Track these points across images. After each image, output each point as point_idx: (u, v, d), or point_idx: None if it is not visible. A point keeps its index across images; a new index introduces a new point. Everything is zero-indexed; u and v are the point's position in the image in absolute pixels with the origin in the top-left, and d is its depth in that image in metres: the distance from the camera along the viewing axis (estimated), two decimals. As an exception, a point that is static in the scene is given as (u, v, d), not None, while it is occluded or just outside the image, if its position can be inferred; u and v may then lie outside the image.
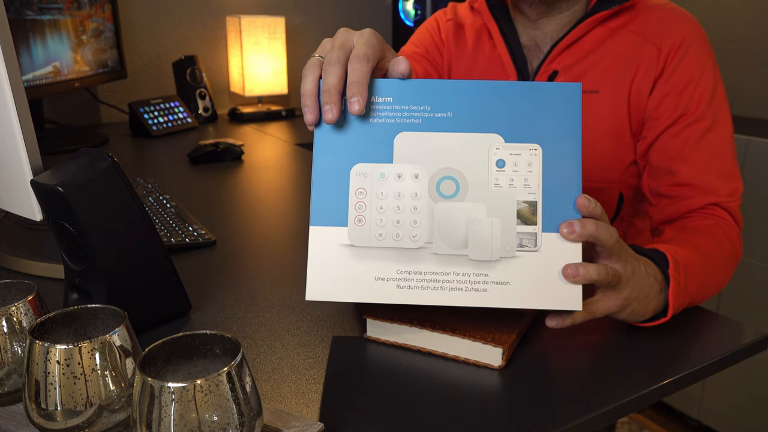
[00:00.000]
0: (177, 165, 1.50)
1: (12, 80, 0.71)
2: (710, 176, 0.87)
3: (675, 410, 2.02)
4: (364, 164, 0.62)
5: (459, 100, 0.62)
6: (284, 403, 0.59)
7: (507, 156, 0.61)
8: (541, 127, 0.61)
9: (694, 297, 0.74)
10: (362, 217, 0.62)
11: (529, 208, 0.61)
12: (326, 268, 0.61)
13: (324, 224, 0.62)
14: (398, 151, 0.62)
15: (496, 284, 0.60)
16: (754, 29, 2.01)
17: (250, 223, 1.09)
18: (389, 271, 0.61)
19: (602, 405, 0.59)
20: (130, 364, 0.49)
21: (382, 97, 0.62)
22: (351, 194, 0.62)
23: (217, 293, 0.81)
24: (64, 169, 0.66)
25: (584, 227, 0.59)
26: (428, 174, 0.62)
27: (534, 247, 0.60)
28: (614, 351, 0.68)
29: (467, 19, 1.06)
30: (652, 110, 0.90)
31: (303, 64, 2.36)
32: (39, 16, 1.56)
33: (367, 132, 0.62)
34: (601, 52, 0.92)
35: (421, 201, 0.61)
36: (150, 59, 2.09)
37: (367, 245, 0.61)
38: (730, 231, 0.84)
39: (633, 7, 0.93)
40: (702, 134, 0.87)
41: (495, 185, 0.61)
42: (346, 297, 0.61)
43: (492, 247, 0.60)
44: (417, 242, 0.61)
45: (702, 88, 0.87)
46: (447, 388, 0.61)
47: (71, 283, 0.70)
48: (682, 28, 0.89)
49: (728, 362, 0.69)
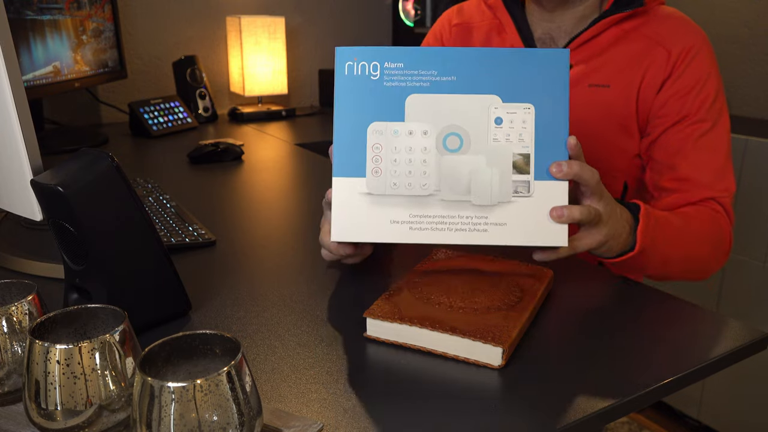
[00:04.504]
0: (177, 165, 1.50)
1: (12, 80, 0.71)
2: (708, 172, 0.93)
3: (675, 410, 2.02)
4: (379, 122, 0.71)
5: (462, 66, 0.70)
6: (284, 403, 0.59)
7: (504, 114, 0.70)
8: (533, 89, 0.70)
9: (664, 251, 0.81)
10: (378, 169, 0.71)
11: (523, 160, 0.70)
12: (348, 214, 0.71)
13: (345, 175, 0.71)
14: (409, 110, 0.71)
15: (494, 225, 0.70)
16: (754, 29, 2.01)
17: (250, 223, 1.09)
18: (403, 215, 0.71)
19: (602, 404, 0.59)
20: (130, 364, 0.49)
21: (394, 63, 0.71)
22: (368, 149, 0.71)
23: (217, 293, 0.81)
24: (64, 169, 0.66)
25: (570, 167, 0.69)
26: (436, 131, 0.71)
27: (527, 193, 0.70)
28: (614, 351, 0.68)
29: (475, 19, 1.10)
30: (657, 108, 0.95)
31: (303, 64, 2.37)
32: (39, 16, 1.56)
33: (382, 94, 0.71)
34: (615, 51, 0.98)
35: (430, 154, 0.70)
36: (150, 59, 2.09)
37: (383, 193, 0.71)
38: (721, 220, 0.92)
39: (646, 12, 0.98)
40: (702, 134, 0.93)
41: (494, 140, 0.70)
42: (366, 238, 0.71)
43: (491, 193, 0.70)
44: (426, 190, 0.70)
45: (705, 92, 0.93)
46: (447, 388, 0.61)
47: (71, 283, 0.70)
48: (691, 37, 0.95)
49: (728, 362, 0.69)
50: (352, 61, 0.72)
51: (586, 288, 0.84)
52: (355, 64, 0.72)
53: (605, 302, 0.80)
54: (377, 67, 0.71)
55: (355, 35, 2.44)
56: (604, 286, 0.84)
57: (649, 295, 0.82)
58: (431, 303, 0.71)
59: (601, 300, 0.80)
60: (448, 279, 0.77)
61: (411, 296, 0.73)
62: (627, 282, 0.85)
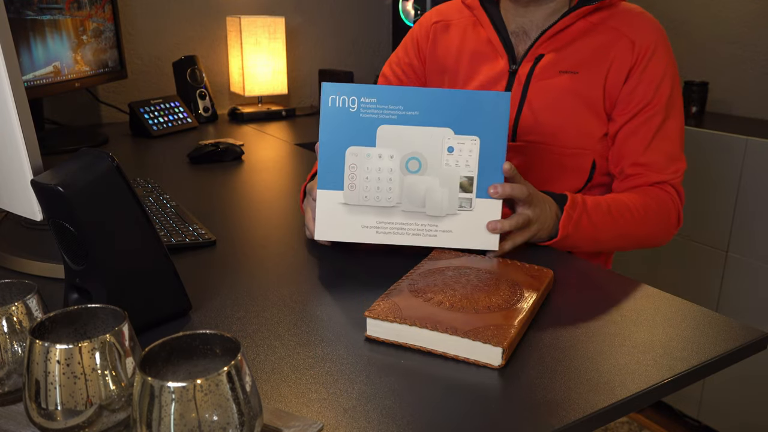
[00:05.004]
0: (177, 165, 1.50)
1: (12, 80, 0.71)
2: (663, 159, 1.06)
3: (675, 410, 2.02)
4: (355, 147, 0.86)
5: (424, 103, 0.85)
6: (284, 403, 0.59)
7: (455, 144, 0.86)
8: (480, 124, 0.85)
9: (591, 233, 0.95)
10: (354, 184, 0.87)
11: (468, 181, 0.87)
12: (329, 219, 0.87)
13: (327, 188, 0.87)
14: (380, 138, 0.86)
15: (443, 232, 0.87)
16: (754, 29, 2.01)
17: (250, 223, 1.09)
18: (371, 221, 0.88)
19: (602, 404, 0.59)
20: (130, 364, 0.49)
21: (369, 98, 0.85)
22: (346, 168, 0.87)
23: (217, 293, 0.81)
24: (64, 169, 0.66)
25: (504, 189, 0.86)
26: (400, 155, 0.87)
27: (470, 208, 0.87)
28: (613, 351, 0.68)
29: (454, 17, 1.21)
30: (624, 95, 1.06)
31: (303, 64, 2.37)
32: (39, 16, 1.56)
33: (358, 123, 0.86)
34: (583, 41, 1.08)
35: (395, 174, 0.87)
36: (150, 59, 2.09)
37: (357, 203, 0.87)
38: (670, 200, 1.05)
39: (611, 6, 1.09)
40: (659, 125, 1.05)
41: (446, 165, 0.86)
42: (341, 238, 0.88)
43: (442, 207, 0.87)
44: (391, 202, 0.87)
45: (664, 86, 1.05)
46: (447, 388, 0.61)
47: (71, 283, 0.70)
48: (652, 32, 1.06)
49: (728, 362, 0.69)
50: (335, 95, 0.86)
51: (586, 288, 0.84)
52: (337, 98, 0.86)
53: (605, 302, 0.80)
54: (355, 101, 0.85)
55: (355, 35, 2.44)
56: (604, 286, 0.85)
57: (649, 295, 0.82)
58: (431, 303, 0.71)
59: (601, 300, 0.80)
60: (448, 279, 0.77)
61: (411, 296, 0.73)
62: (627, 282, 0.85)
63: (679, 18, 2.20)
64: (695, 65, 2.18)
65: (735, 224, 1.80)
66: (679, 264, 1.96)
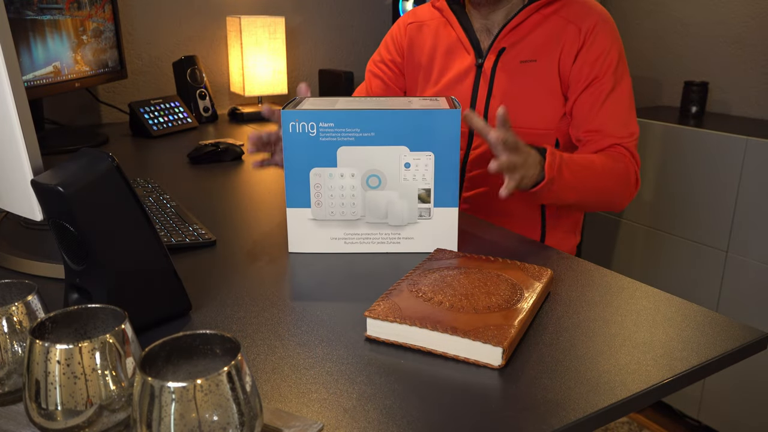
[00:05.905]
0: (177, 165, 1.50)
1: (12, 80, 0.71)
2: (614, 123, 1.17)
3: (675, 410, 2.02)
4: (318, 168, 0.92)
5: (379, 124, 0.89)
6: (284, 403, 0.59)
7: (411, 160, 0.91)
8: (433, 140, 0.90)
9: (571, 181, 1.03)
10: (320, 202, 0.93)
11: (426, 193, 0.93)
12: (300, 233, 0.95)
13: (296, 206, 0.94)
14: (340, 158, 0.91)
15: (405, 239, 0.95)
16: (754, 29, 2.01)
17: (250, 223, 1.09)
18: (339, 234, 0.94)
19: (602, 404, 0.59)
20: (130, 364, 0.49)
21: (327, 123, 0.89)
22: (311, 187, 0.93)
23: (217, 293, 0.81)
24: (64, 169, 0.66)
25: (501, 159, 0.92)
26: (360, 173, 0.92)
27: (429, 217, 0.94)
28: (613, 351, 0.68)
29: (426, 18, 1.36)
30: (575, 74, 1.19)
31: (303, 64, 2.37)
32: (39, 16, 1.56)
33: (319, 146, 0.91)
34: (538, 32, 1.22)
35: (357, 190, 0.93)
36: (150, 59, 2.09)
37: (324, 218, 0.94)
38: (626, 159, 1.15)
39: None
40: (608, 93, 1.17)
41: (404, 179, 0.92)
42: (313, 249, 0.95)
43: (403, 217, 0.94)
44: (355, 216, 0.94)
45: (610, 59, 1.17)
46: (447, 388, 0.61)
47: (71, 283, 0.70)
48: (595, 16, 1.19)
49: (728, 362, 0.69)
50: (295, 122, 0.89)
51: (586, 288, 0.84)
52: (296, 124, 0.90)
53: (605, 302, 0.80)
54: (314, 126, 0.89)
55: (355, 35, 2.44)
56: (604, 286, 0.85)
57: (649, 295, 0.82)
58: (431, 303, 0.71)
59: (600, 300, 0.80)
60: (448, 279, 0.77)
61: (411, 296, 0.73)
62: (627, 282, 0.85)
63: (679, 18, 2.20)
64: (695, 65, 2.18)
65: (735, 224, 1.80)
66: (679, 264, 1.96)
